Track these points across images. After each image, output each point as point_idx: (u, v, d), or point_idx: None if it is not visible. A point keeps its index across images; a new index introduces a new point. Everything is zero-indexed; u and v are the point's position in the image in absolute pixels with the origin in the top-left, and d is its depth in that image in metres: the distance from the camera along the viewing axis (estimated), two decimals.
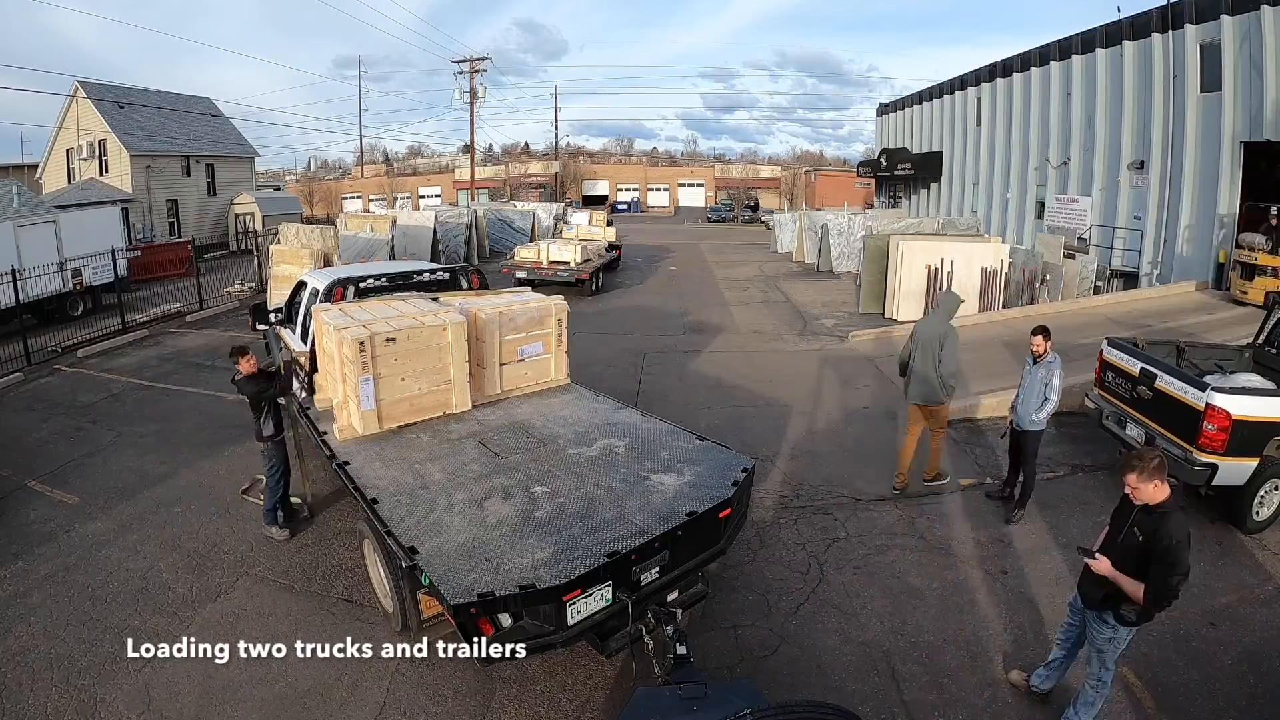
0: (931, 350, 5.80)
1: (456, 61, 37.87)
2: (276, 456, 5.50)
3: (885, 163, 30.73)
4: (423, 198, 51.51)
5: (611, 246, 20.10)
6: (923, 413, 6.12)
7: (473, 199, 38.77)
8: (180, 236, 24.42)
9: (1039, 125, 20.73)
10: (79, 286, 14.55)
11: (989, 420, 7.96)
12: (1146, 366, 5.86)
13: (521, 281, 14.77)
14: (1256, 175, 13.82)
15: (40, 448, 7.55)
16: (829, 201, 39.32)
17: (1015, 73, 21.92)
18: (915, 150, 29.52)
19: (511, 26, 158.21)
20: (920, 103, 29.47)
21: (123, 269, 15.31)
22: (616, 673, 4.03)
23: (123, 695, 3.88)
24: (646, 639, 3.64)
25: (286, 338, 7.25)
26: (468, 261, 19.75)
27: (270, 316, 7.65)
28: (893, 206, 30.58)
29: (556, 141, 58.98)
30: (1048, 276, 13.91)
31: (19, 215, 14.33)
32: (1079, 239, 17.64)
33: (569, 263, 16.14)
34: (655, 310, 15.02)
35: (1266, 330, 6.75)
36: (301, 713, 3.77)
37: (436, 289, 6.85)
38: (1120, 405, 6.22)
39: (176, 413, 8.64)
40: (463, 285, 7.17)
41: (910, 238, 14.12)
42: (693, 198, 56.52)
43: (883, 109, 34.53)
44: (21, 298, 11.65)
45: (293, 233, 16.35)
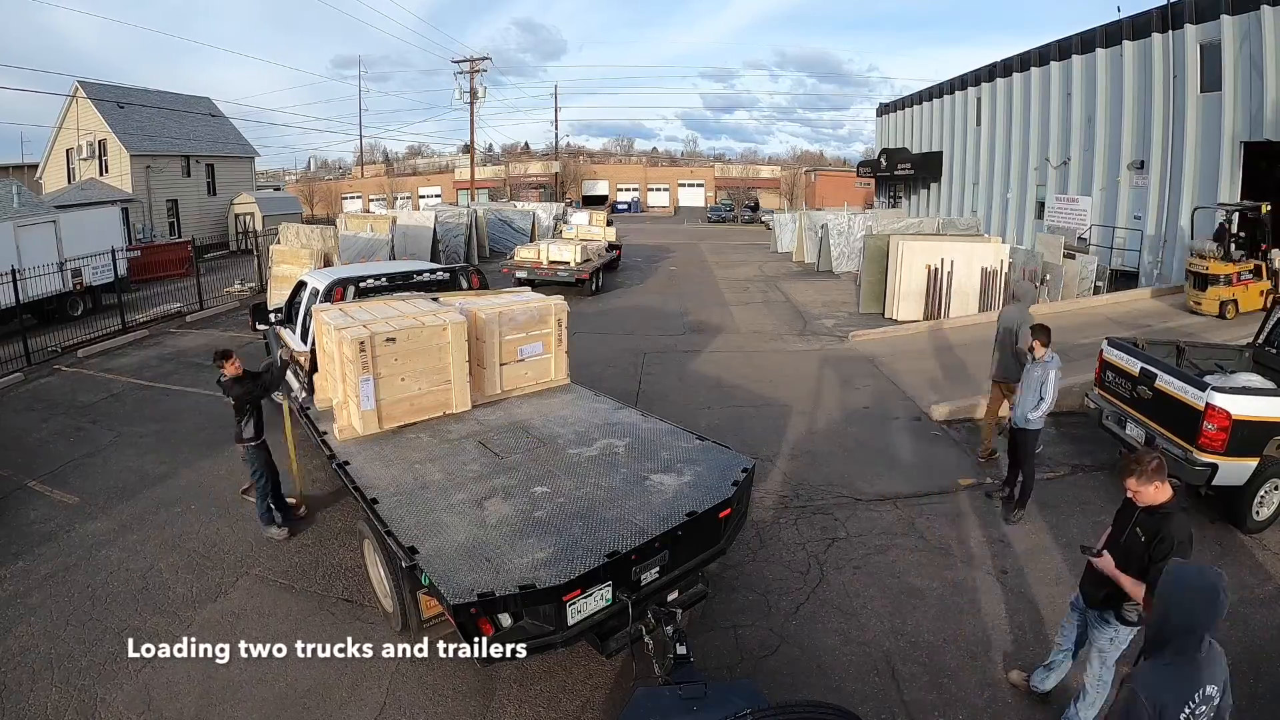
0: (1012, 334, 6.44)
1: (456, 61, 37.88)
2: (258, 460, 5.46)
3: (885, 163, 30.74)
4: (423, 198, 51.51)
5: (611, 246, 20.11)
6: (1001, 390, 6.75)
7: (473, 199, 38.76)
8: (180, 236, 24.43)
9: (1039, 125, 20.74)
10: (79, 286, 14.55)
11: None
12: (1146, 366, 5.86)
13: (521, 281, 14.78)
14: (1256, 175, 13.83)
15: (40, 448, 7.55)
16: (829, 201, 39.34)
17: (1015, 73, 21.93)
18: (915, 150, 29.53)
19: (511, 26, 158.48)
20: (920, 103, 29.48)
21: (123, 269, 15.32)
22: (616, 673, 4.03)
23: (123, 695, 3.88)
24: (646, 639, 3.64)
25: (286, 338, 7.25)
26: (468, 261, 19.74)
27: (270, 316, 7.66)
28: (893, 206, 30.58)
29: (556, 141, 59.07)
30: (1048, 276, 13.92)
31: (19, 215, 14.34)
32: (1079, 239, 17.64)
33: (569, 263, 16.15)
34: (655, 310, 15.02)
35: (1266, 330, 6.75)
36: (302, 713, 3.77)
37: (436, 289, 6.86)
38: (1120, 405, 6.22)
39: (176, 413, 8.64)
40: (463, 285, 7.17)
41: (910, 238, 14.11)
42: (693, 198, 56.51)
43: (883, 109, 34.54)
44: (21, 298, 11.66)
45: (293, 233, 16.34)
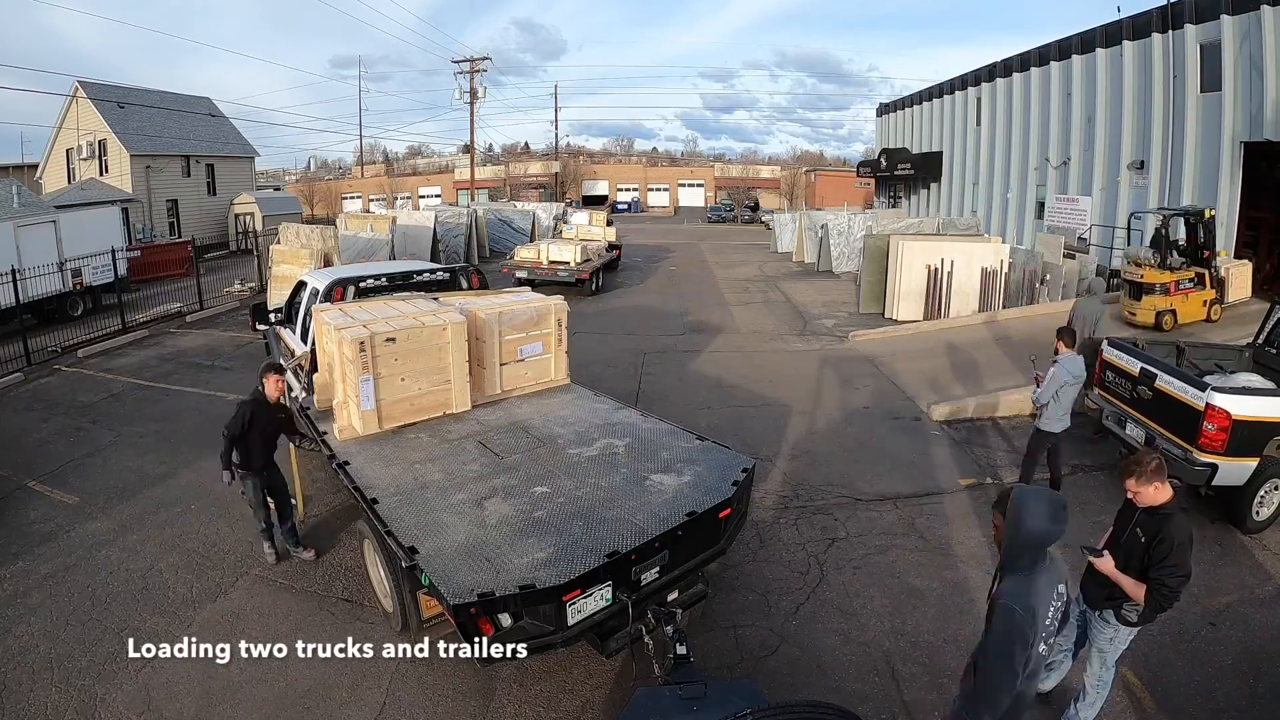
0: (1090, 324, 7.43)
1: (456, 61, 37.89)
2: (249, 491, 5.03)
3: (885, 163, 30.71)
4: (423, 198, 51.52)
5: (611, 246, 20.11)
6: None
7: (473, 199, 38.78)
8: (180, 236, 24.42)
9: (1039, 125, 20.73)
10: (79, 286, 14.55)
11: (984, 420, 7.97)
12: (1146, 366, 5.87)
13: (521, 281, 14.77)
14: (1256, 175, 13.82)
15: (40, 448, 7.55)
16: (829, 201, 39.33)
17: (1015, 73, 21.92)
18: (915, 150, 29.51)
19: (510, 26, 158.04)
20: (920, 103, 29.46)
21: (123, 269, 15.33)
22: (616, 673, 4.03)
23: (123, 695, 3.88)
24: (646, 639, 3.64)
25: (286, 338, 7.26)
26: (468, 261, 19.75)
27: (270, 316, 7.66)
28: (893, 206, 30.56)
29: (556, 141, 59.04)
30: (1048, 276, 13.91)
31: (19, 215, 14.34)
32: (1079, 239, 17.64)
33: (569, 263, 16.14)
34: (655, 310, 15.02)
35: (1266, 330, 6.75)
36: (302, 713, 3.77)
37: (436, 289, 6.86)
38: (1120, 405, 6.22)
39: (176, 413, 8.64)
40: (463, 285, 7.17)
41: (910, 238, 14.10)
42: (693, 198, 56.50)
43: (883, 109, 34.52)
44: (21, 298, 11.66)
45: (293, 233, 16.33)
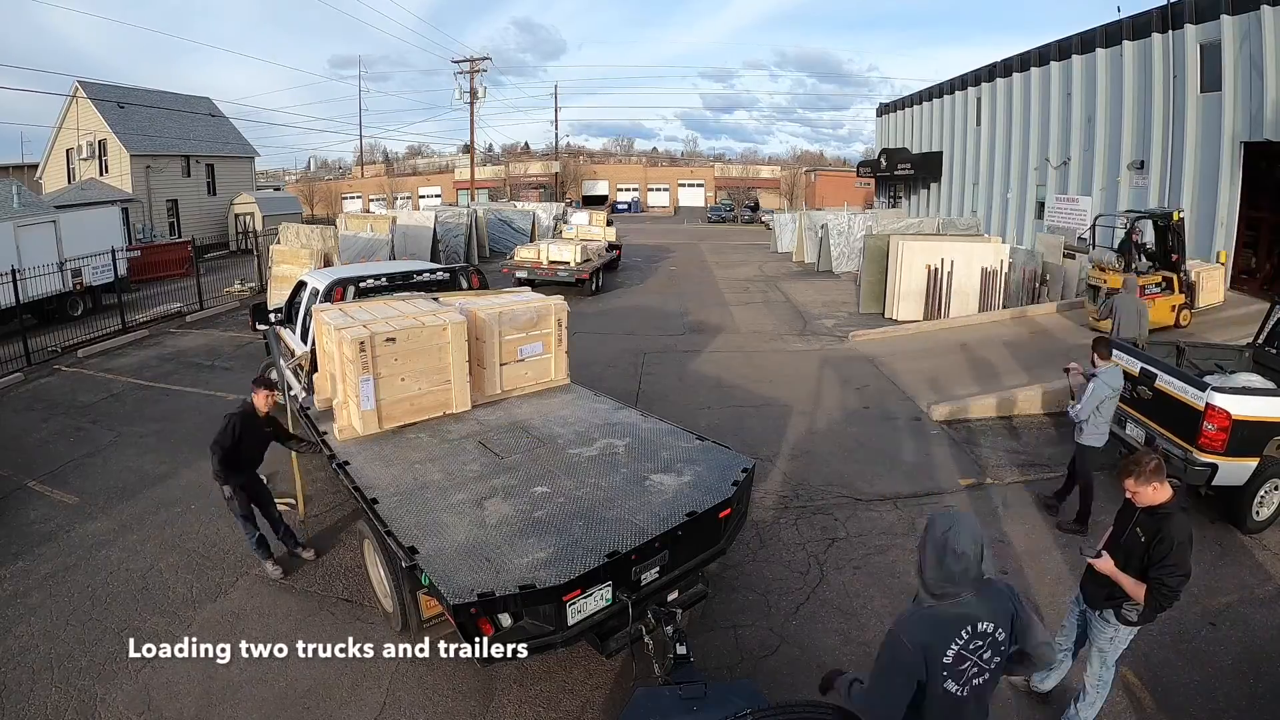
0: (1133, 318, 7.85)
1: (456, 61, 37.92)
2: (236, 500, 4.91)
3: (885, 163, 30.73)
4: (423, 198, 51.53)
5: (611, 246, 20.10)
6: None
7: (473, 199, 38.79)
8: (180, 236, 24.43)
9: (1039, 125, 20.73)
10: (79, 286, 14.55)
11: (983, 420, 7.97)
12: (1147, 366, 5.87)
13: (521, 281, 14.77)
14: (1256, 175, 13.82)
15: (40, 448, 7.55)
16: (829, 201, 39.33)
17: (1015, 73, 21.93)
18: (915, 150, 29.52)
19: (509, 26, 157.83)
20: (920, 103, 29.47)
21: (123, 269, 15.32)
22: (616, 673, 4.03)
23: (123, 695, 3.88)
24: (646, 639, 3.64)
25: (286, 338, 7.26)
26: (468, 261, 19.75)
27: (270, 316, 7.65)
28: (893, 206, 30.57)
29: (556, 141, 59.03)
30: (1048, 277, 13.92)
31: (19, 215, 14.34)
32: (1079, 239, 17.62)
33: (569, 263, 16.14)
34: (655, 310, 15.02)
35: (1266, 330, 6.75)
36: (302, 713, 3.77)
37: (436, 289, 6.85)
38: (1120, 405, 6.20)
39: (176, 413, 8.64)
40: (463, 285, 7.17)
41: (910, 238, 14.11)
42: (693, 198, 56.51)
43: (883, 109, 34.54)
44: (21, 298, 11.65)
45: (293, 233, 16.33)
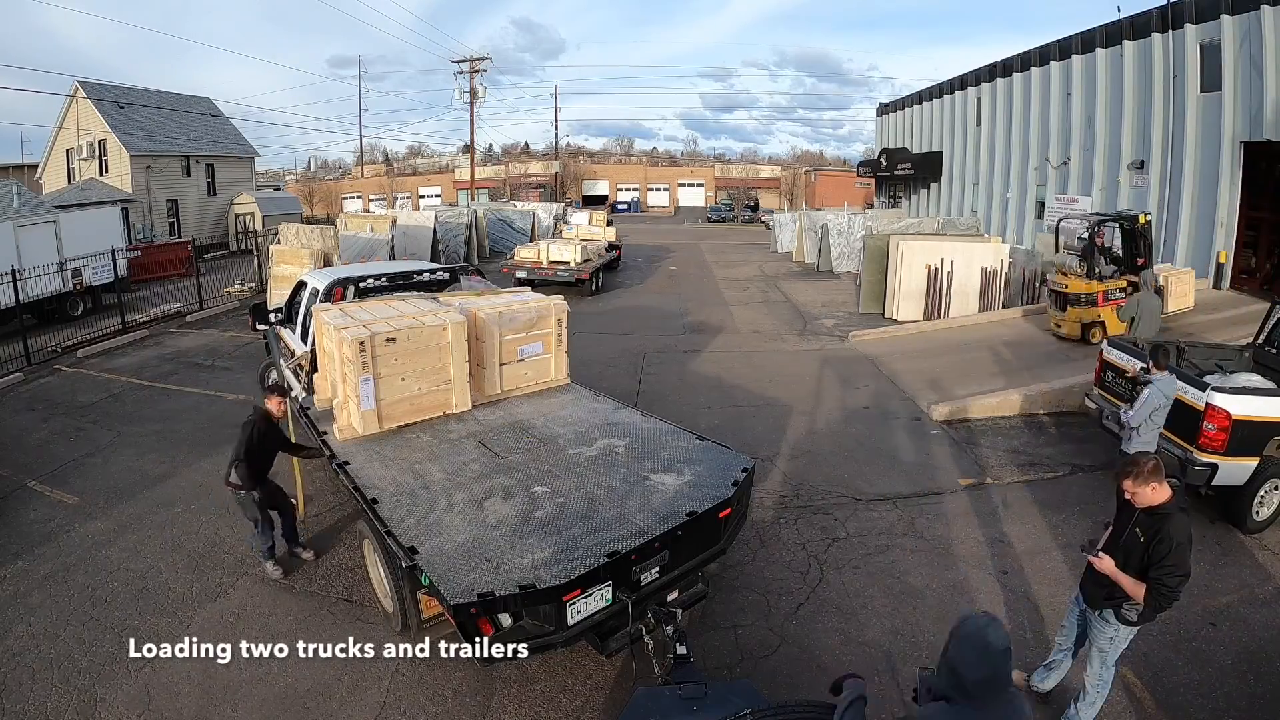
0: (1154, 315, 8.17)
1: (456, 61, 37.89)
2: (250, 506, 4.92)
3: (885, 163, 30.71)
4: (423, 198, 51.51)
5: (611, 246, 20.11)
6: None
7: (473, 199, 38.77)
8: (180, 236, 24.42)
9: (1039, 125, 20.72)
10: (79, 286, 14.54)
11: (984, 420, 7.98)
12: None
13: (521, 281, 14.77)
14: (1256, 175, 13.82)
15: (40, 448, 7.55)
16: (829, 201, 39.31)
17: (1015, 73, 21.92)
18: (915, 150, 29.51)
19: (509, 25, 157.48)
20: (920, 103, 29.46)
21: (123, 269, 15.29)
22: (616, 673, 4.03)
23: (123, 695, 3.88)
24: (646, 639, 3.64)
25: (286, 338, 7.26)
26: (468, 261, 19.75)
27: (270, 316, 7.66)
28: (893, 206, 30.56)
29: (556, 141, 58.98)
30: (1048, 276, 13.89)
31: (19, 215, 14.32)
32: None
33: (569, 263, 16.14)
34: (655, 310, 15.02)
35: (1266, 330, 6.75)
36: (302, 713, 3.77)
37: (436, 289, 6.86)
38: (1121, 405, 6.21)
39: (176, 413, 8.64)
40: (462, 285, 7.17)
41: (910, 238, 14.11)
42: (693, 198, 56.50)
43: (883, 109, 34.52)
44: (21, 298, 11.64)
45: (293, 233, 16.33)
